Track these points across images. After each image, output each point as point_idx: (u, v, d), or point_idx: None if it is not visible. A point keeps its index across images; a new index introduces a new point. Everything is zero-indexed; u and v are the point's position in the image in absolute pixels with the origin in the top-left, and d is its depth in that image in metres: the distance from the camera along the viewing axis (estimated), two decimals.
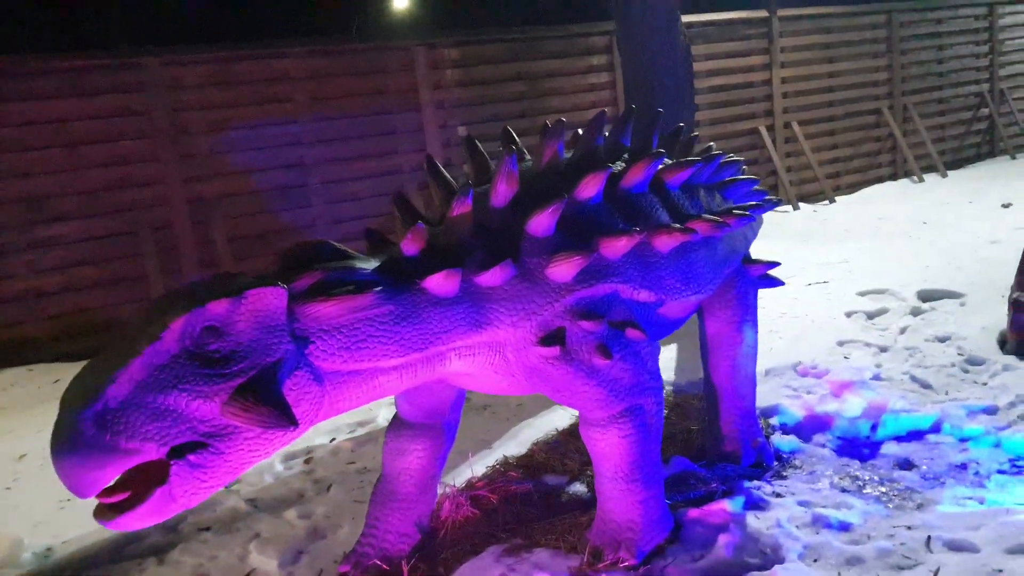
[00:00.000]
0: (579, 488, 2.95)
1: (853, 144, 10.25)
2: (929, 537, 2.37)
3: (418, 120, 7.15)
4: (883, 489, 2.78)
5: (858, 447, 3.15)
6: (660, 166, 2.77)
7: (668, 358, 4.26)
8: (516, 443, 3.48)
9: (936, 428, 3.14)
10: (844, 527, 2.51)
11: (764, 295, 5.42)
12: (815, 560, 2.33)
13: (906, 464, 2.95)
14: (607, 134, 2.86)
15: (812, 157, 9.55)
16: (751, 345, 3.07)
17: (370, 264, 2.22)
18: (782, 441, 3.19)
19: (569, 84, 8.04)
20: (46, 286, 5.72)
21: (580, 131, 2.84)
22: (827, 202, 9.31)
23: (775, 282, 3.27)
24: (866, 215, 8.15)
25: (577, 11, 9.90)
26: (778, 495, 2.73)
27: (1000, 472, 2.79)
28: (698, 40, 8.84)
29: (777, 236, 7.22)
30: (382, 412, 3.93)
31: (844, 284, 5.52)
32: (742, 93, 9.30)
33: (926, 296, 5.10)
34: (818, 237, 7.13)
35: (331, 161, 6.62)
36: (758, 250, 4.78)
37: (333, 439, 3.83)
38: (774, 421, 3.36)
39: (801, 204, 9.23)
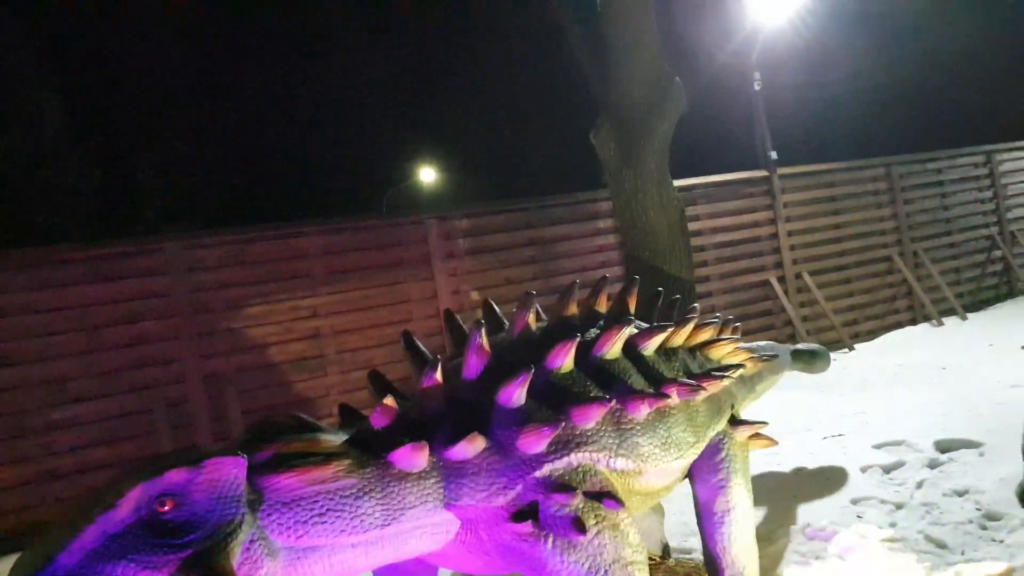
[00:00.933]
0: None
1: (868, 291, 10.30)
2: None
3: (432, 288, 7.41)
4: None
5: None
6: (633, 331, 2.85)
7: (683, 521, 4.12)
8: None
9: None
10: None
11: (778, 451, 5.31)
12: None
13: None
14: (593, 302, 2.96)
15: (826, 306, 9.58)
16: (745, 511, 2.98)
17: (339, 437, 2.26)
18: None
19: (578, 247, 8.32)
20: (59, 468, 5.80)
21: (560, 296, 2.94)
22: (846, 350, 9.23)
23: (768, 443, 3.23)
24: (884, 362, 8.04)
25: (584, 181, 10.41)
26: None
27: None
28: (701, 200, 9.21)
29: (793, 387, 7.11)
30: None
31: (860, 437, 5.37)
32: (750, 247, 9.51)
33: (944, 447, 4.93)
34: (835, 387, 7.02)
35: (346, 331, 6.82)
36: (775, 401, 4.71)
37: None
38: None
39: None
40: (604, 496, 2.43)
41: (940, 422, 5.43)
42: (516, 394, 2.41)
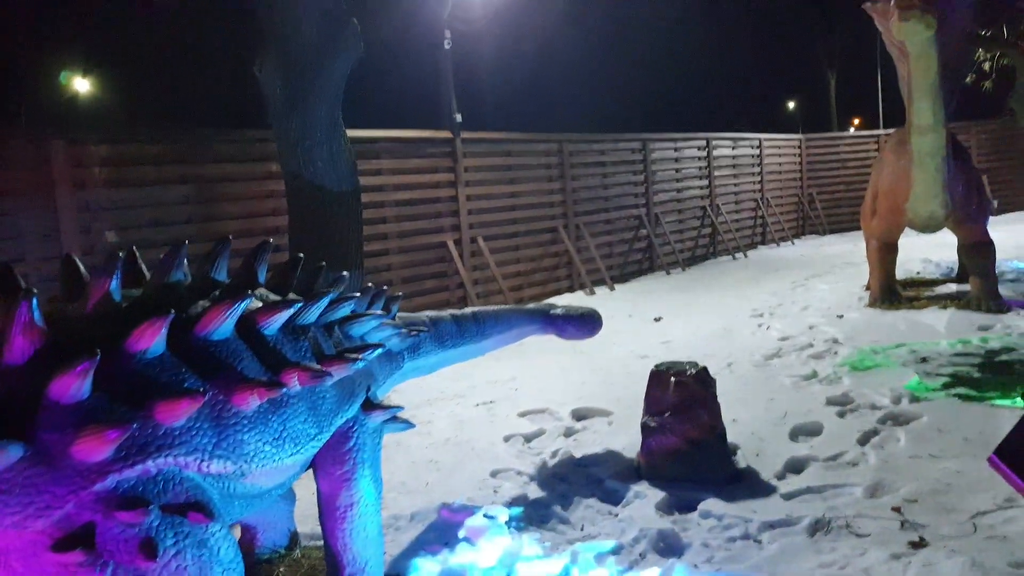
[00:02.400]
0: None
1: (534, 259, 10.93)
2: None
3: (53, 223, 6.15)
4: None
5: None
6: (257, 305, 2.42)
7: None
8: None
9: (567, 574, 3.04)
10: None
11: (431, 420, 5.25)
12: None
13: None
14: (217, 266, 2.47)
15: (496, 271, 9.96)
16: (372, 503, 2.74)
17: None
18: None
19: (244, 190, 7.54)
20: None
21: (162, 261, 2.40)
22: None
23: (404, 425, 3.03)
24: None
25: (259, 115, 9.53)
26: None
27: None
28: (385, 155, 8.92)
29: None
30: None
31: (508, 404, 5.55)
32: (430, 208, 9.48)
33: (580, 415, 5.27)
34: (493, 352, 7.23)
35: None
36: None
37: None
38: None
39: None
40: (190, 508, 2.00)
41: (579, 390, 5.82)
42: (74, 386, 1.86)
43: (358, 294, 2.98)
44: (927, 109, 6.83)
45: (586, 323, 4.36)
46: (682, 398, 4.02)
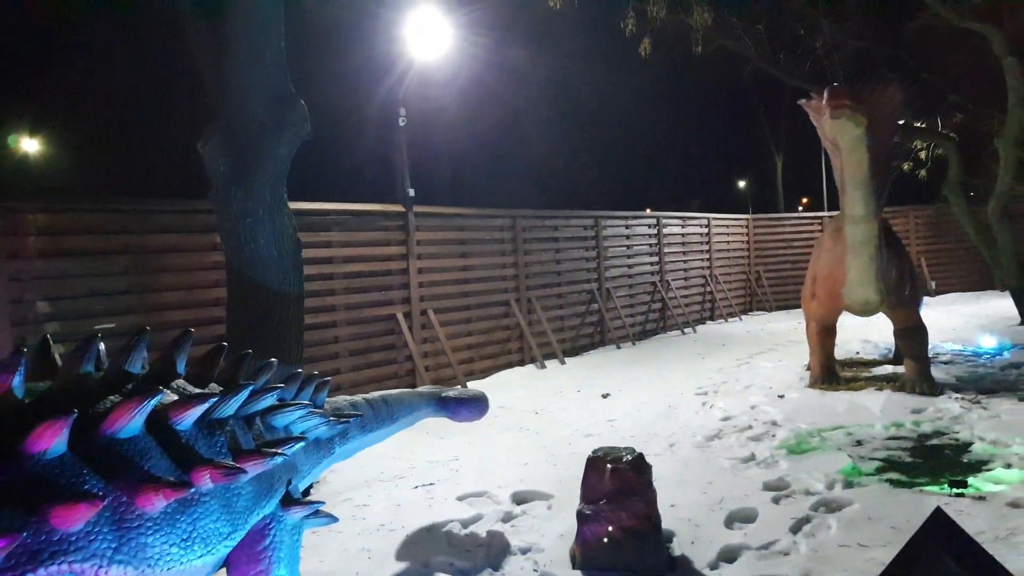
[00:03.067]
0: None
1: (486, 332, 10.93)
2: None
3: None
4: None
5: None
6: (171, 399, 2.37)
7: None
8: None
9: None
10: None
11: (367, 503, 5.14)
12: None
13: None
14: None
15: (447, 344, 9.92)
16: None
17: None
18: None
19: (188, 262, 7.44)
20: None
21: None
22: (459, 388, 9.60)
23: (326, 519, 2.96)
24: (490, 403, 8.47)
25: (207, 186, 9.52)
26: None
27: None
28: (335, 227, 8.94)
29: None
30: None
31: (448, 486, 5.45)
32: (380, 280, 9.47)
33: (520, 498, 5.19)
34: (437, 429, 7.14)
35: None
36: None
37: None
38: None
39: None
40: None
41: (521, 472, 5.75)
42: None
43: (282, 384, 2.95)
44: (859, 201, 7.13)
45: (476, 406, 4.72)
46: (618, 486, 4.00)
